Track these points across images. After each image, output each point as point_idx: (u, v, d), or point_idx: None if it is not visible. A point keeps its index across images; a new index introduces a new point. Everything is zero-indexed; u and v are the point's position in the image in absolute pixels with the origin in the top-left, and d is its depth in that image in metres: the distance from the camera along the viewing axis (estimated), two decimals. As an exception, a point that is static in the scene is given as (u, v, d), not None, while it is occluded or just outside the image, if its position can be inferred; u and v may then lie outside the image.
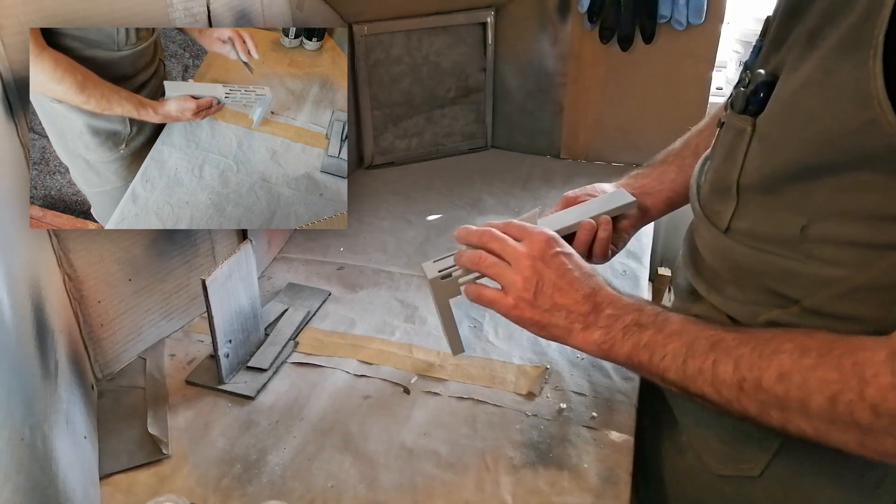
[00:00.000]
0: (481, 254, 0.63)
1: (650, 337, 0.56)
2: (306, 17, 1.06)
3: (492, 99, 1.34)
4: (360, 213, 1.14)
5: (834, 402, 0.44)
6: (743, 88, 0.54)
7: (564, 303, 0.59)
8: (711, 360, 0.51)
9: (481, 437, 0.70)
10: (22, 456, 0.47)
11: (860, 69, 0.42)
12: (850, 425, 0.44)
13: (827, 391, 0.45)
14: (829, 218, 0.48)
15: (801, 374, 0.46)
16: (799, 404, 0.46)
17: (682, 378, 0.53)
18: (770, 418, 0.49)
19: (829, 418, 0.45)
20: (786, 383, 0.47)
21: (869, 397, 0.43)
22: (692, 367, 0.52)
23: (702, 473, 0.64)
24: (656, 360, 0.55)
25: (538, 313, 0.60)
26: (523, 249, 0.61)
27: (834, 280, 0.49)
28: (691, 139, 0.78)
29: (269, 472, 0.66)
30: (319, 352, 0.82)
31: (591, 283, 0.60)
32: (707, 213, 0.59)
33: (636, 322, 0.57)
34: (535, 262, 0.60)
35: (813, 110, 0.46)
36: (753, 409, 0.49)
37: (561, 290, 0.59)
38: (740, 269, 0.56)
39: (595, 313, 0.59)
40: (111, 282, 0.74)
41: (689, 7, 1.11)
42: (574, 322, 0.59)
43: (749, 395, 0.49)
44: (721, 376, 0.50)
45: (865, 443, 0.44)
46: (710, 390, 0.51)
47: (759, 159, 0.52)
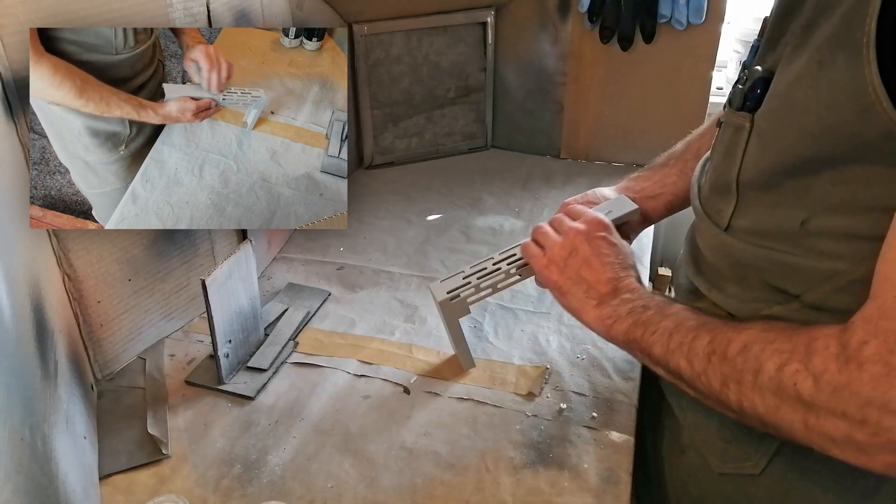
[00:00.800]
0: (542, 226, 0.70)
1: (649, 316, 0.58)
2: (306, 16, 1.06)
3: (492, 99, 1.34)
4: (360, 213, 1.14)
5: (780, 371, 0.45)
6: (740, 86, 0.54)
7: (588, 278, 0.64)
8: (693, 335, 0.53)
9: (481, 438, 0.70)
10: (22, 456, 0.46)
11: (854, 58, 0.42)
12: (796, 400, 0.44)
13: (778, 360, 0.46)
14: (828, 212, 0.48)
15: (760, 345, 0.48)
16: (752, 375, 0.47)
17: (665, 353, 0.55)
18: (728, 393, 0.50)
19: (776, 390, 0.46)
20: (745, 353, 0.48)
21: (812, 367, 0.44)
22: (675, 342, 0.54)
23: (703, 472, 0.64)
24: (647, 335, 0.57)
25: (563, 278, 0.65)
26: (574, 225, 0.67)
27: (834, 274, 0.49)
28: (693, 142, 0.78)
29: (268, 473, 0.66)
30: (319, 352, 0.82)
31: (621, 272, 0.64)
32: (708, 212, 0.59)
33: (643, 305, 0.60)
34: (577, 236, 0.66)
35: (808, 102, 0.46)
36: (716, 382, 0.50)
37: (590, 266, 0.64)
38: (741, 267, 0.56)
39: (612, 295, 0.62)
40: (111, 282, 0.74)
41: (690, 7, 1.11)
42: (591, 298, 0.63)
43: (715, 366, 0.50)
44: (696, 349, 0.52)
45: (810, 423, 0.44)
46: (684, 364, 0.53)
47: (757, 155, 0.52)
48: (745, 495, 0.61)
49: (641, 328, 0.58)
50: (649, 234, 1.07)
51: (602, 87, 1.25)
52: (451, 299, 0.72)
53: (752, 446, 0.59)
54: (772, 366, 0.46)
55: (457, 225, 1.10)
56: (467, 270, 0.74)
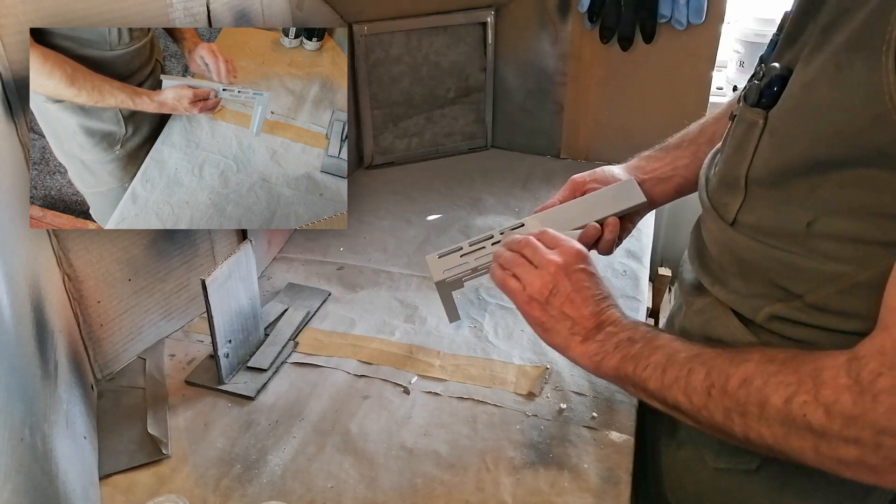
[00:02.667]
0: (516, 256, 0.67)
1: (638, 350, 0.58)
2: (306, 16, 1.06)
3: (492, 99, 1.34)
4: (360, 213, 1.14)
5: (789, 404, 0.45)
6: (757, 81, 0.54)
7: (572, 314, 0.62)
8: (687, 368, 0.53)
9: (481, 438, 0.70)
10: (22, 456, 0.46)
11: (872, 64, 0.42)
12: (805, 429, 0.45)
13: (784, 392, 0.46)
14: (834, 214, 0.48)
15: (762, 378, 0.47)
16: (758, 408, 0.47)
17: (660, 387, 0.55)
18: (733, 425, 0.49)
19: (784, 421, 0.46)
20: (747, 387, 0.48)
21: (823, 398, 0.44)
22: (670, 376, 0.54)
23: (700, 467, 0.64)
24: (639, 371, 0.57)
25: (546, 316, 0.63)
26: (552, 257, 0.64)
27: (837, 276, 0.49)
28: (708, 126, 0.77)
29: (268, 473, 0.66)
30: (319, 352, 0.82)
31: (602, 304, 0.62)
32: (714, 206, 0.59)
33: (629, 338, 0.59)
34: (558, 271, 0.63)
35: (824, 104, 0.46)
36: (719, 416, 0.50)
37: (573, 302, 0.62)
38: (745, 263, 0.56)
39: (596, 329, 0.61)
40: (111, 282, 0.74)
41: (690, 7, 1.11)
42: (576, 334, 0.62)
43: (716, 400, 0.50)
44: (693, 384, 0.52)
45: (821, 449, 0.45)
46: (683, 398, 0.53)
47: (768, 153, 0.52)
48: (741, 491, 0.61)
49: (632, 363, 0.57)
50: (649, 233, 1.07)
51: (602, 87, 1.25)
52: (447, 279, 0.72)
53: None
54: (778, 399, 0.46)
55: (457, 225, 1.10)
56: (465, 248, 0.73)
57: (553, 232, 0.68)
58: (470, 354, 0.81)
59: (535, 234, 0.68)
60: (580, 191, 0.78)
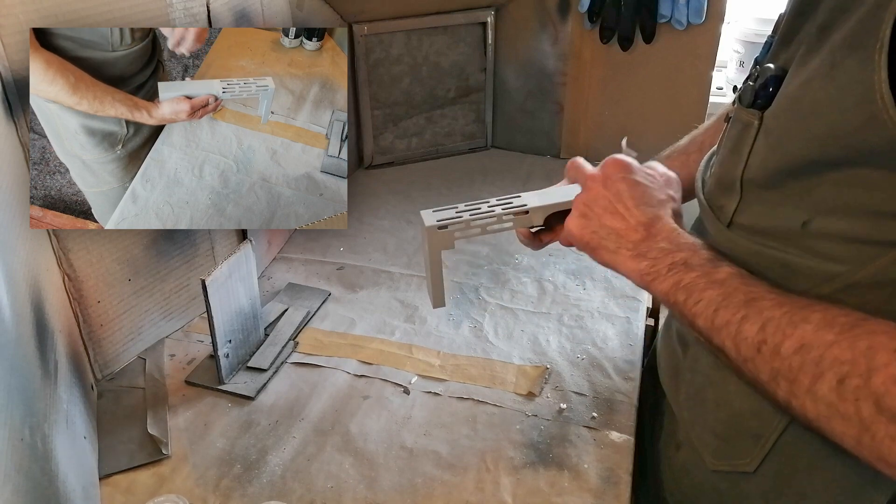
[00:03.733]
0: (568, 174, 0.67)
1: (693, 279, 0.54)
2: (306, 16, 1.06)
3: (492, 99, 1.34)
4: (360, 213, 1.14)
5: (842, 385, 0.43)
6: (752, 82, 0.54)
7: (615, 226, 0.60)
8: (741, 314, 0.50)
9: (481, 438, 0.70)
10: (22, 456, 0.46)
11: (865, 64, 0.42)
12: (853, 416, 0.42)
13: (838, 371, 0.43)
14: (830, 214, 0.48)
15: (819, 350, 0.44)
16: (810, 379, 0.45)
17: (710, 327, 0.52)
18: (777, 388, 0.47)
19: (833, 402, 0.43)
20: (802, 355, 0.45)
21: (874, 387, 0.41)
22: (721, 318, 0.51)
23: (697, 469, 0.64)
24: (690, 304, 0.53)
25: (587, 233, 0.61)
26: (592, 171, 0.63)
27: (834, 276, 0.49)
28: (697, 136, 0.78)
29: (268, 473, 0.66)
30: (319, 352, 0.82)
31: (651, 212, 0.59)
32: (711, 207, 0.59)
33: (685, 262, 0.56)
34: (595, 184, 0.62)
35: (818, 105, 0.46)
36: (765, 375, 0.48)
37: (614, 213, 0.60)
38: (741, 264, 0.56)
39: (647, 242, 0.58)
40: (111, 282, 0.74)
41: (690, 7, 1.11)
42: (622, 247, 0.59)
43: (765, 358, 0.47)
44: (745, 333, 0.49)
45: (863, 440, 0.43)
46: (730, 344, 0.50)
47: (764, 153, 0.52)
48: (739, 493, 0.61)
49: (684, 293, 0.54)
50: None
51: (602, 87, 1.25)
52: (439, 227, 0.69)
53: (746, 444, 0.59)
54: (832, 376, 0.43)
55: (457, 225, 1.10)
56: (461, 207, 0.72)
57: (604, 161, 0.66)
58: (470, 354, 0.81)
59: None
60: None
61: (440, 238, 0.68)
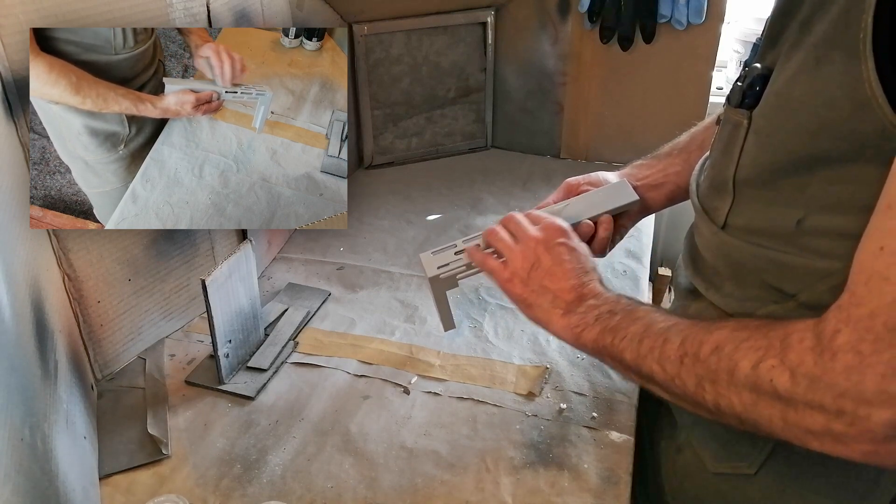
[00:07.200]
0: (497, 229, 0.69)
1: (617, 321, 0.58)
2: (306, 16, 1.06)
3: (492, 99, 1.34)
4: (360, 213, 1.14)
5: (756, 368, 0.45)
6: (739, 83, 0.54)
7: (552, 288, 0.63)
8: (662, 338, 0.53)
9: (481, 438, 0.70)
10: (22, 456, 0.46)
11: (851, 54, 0.42)
12: (773, 396, 0.44)
13: (753, 357, 0.45)
14: (823, 210, 0.48)
15: (733, 344, 0.47)
16: (727, 374, 0.47)
17: (636, 358, 0.54)
18: (705, 393, 0.49)
19: (753, 386, 0.45)
20: (718, 353, 0.48)
21: (788, 361, 0.43)
22: (645, 346, 0.54)
23: (699, 471, 0.64)
24: (617, 342, 0.57)
25: (527, 291, 0.64)
26: (533, 233, 0.66)
27: (829, 273, 0.49)
28: (698, 134, 0.78)
29: (268, 473, 0.66)
30: (319, 352, 0.82)
31: (584, 277, 0.63)
32: (705, 210, 0.59)
33: (609, 310, 0.59)
34: (538, 246, 0.65)
35: (806, 98, 0.46)
36: (691, 384, 0.50)
37: (553, 275, 0.63)
38: (737, 266, 0.56)
39: (577, 302, 0.62)
40: (111, 282, 0.74)
41: (690, 7, 1.11)
42: (556, 307, 0.63)
43: (688, 368, 0.50)
44: (667, 353, 0.52)
45: (788, 418, 0.44)
46: (657, 368, 0.53)
47: (754, 153, 0.52)
48: (741, 495, 0.61)
49: (610, 335, 0.57)
50: (649, 233, 1.07)
51: (602, 87, 1.25)
52: (441, 275, 0.72)
53: (747, 446, 0.59)
54: (747, 364, 0.45)
55: (457, 225, 1.10)
56: (459, 245, 0.73)
57: (536, 211, 0.69)
58: (470, 354, 0.81)
59: (522, 214, 0.69)
60: (574, 192, 0.78)
61: (443, 283, 0.73)
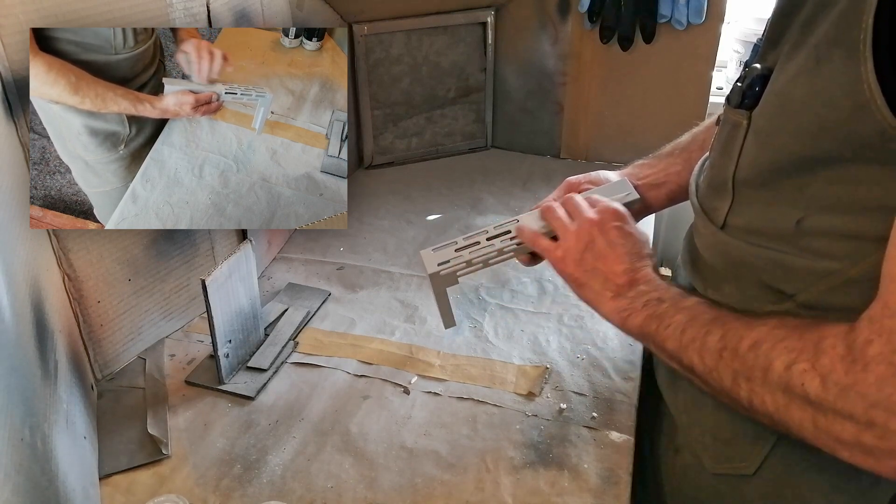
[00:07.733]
0: (554, 205, 0.69)
1: (664, 309, 0.58)
2: (306, 16, 1.06)
3: (492, 99, 1.34)
4: (360, 213, 1.14)
5: (789, 370, 0.45)
6: (739, 83, 0.54)
7: (604, 270, 0.64)
8: (705, 330, 0.53)
9: (481, 438, 0.70)
10: (22, 456, 0.46)
11: (850, 55, 0.42)
12: (804, 399, 0.44)
13: (787, 358, 0.46)
14: (823, 211, 0.48)
15: (770, 343, 0.47)
16: (762, 372, 0.47)
17: (678, 347, 0.55)
18: (740, 390, 0.49)
19: (785, 388, 0.45)
20: (756, 350, 0.48)
21: (820, 367, 0.43)
22: (688, 336, 0.54)
23: (697, 472, 0.64)
24: (661, 329, 0.57)
25: (579, 271, 0.65)
26: (590, 215, 0.66)
27: (828, 273, 0.49)
28: (699, 134, 0.78)
29: (268, 473, 0.66)
30: (319, 352, 0.82)
31: (637, 262, 0.63)
32: (705, 210, 0.59)
33: (658, 297, 0.60)
34: (593, 227, 0.65)
35: (805, 99, 0.46)
36: (728, 379, 0.50)
37: (605, 258, 0.64)
38: (737, 266, 0.56)
39: (628, 287, 0.62)
40: (111, 282, 0.74)
41: (690, 7, 1.11)
42: (607, 289, 0.63)
43: (726, 362, 0.50)
44: (708, 344, 0.52)
45: (819, 423, 0.44)
46: (696, 359, 0.53)
47: (754, 153, 0.52)
48: (739, 495, 0.61)
49: (656, 322, 0.58)
50: (649, 234, 1.07)
51: (602, 87, 1.25)
52: (441, 271, 0.72)
53: (746, 447, 0.59)
54: (780, 364, 0.46)
55: (457, 225, 1.10)
56: (460, 242, 0.74)
57: (598, 196, 0.70)
58: (470, 354, 0.81)
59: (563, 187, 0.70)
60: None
61: (444, 279, 0.72)
